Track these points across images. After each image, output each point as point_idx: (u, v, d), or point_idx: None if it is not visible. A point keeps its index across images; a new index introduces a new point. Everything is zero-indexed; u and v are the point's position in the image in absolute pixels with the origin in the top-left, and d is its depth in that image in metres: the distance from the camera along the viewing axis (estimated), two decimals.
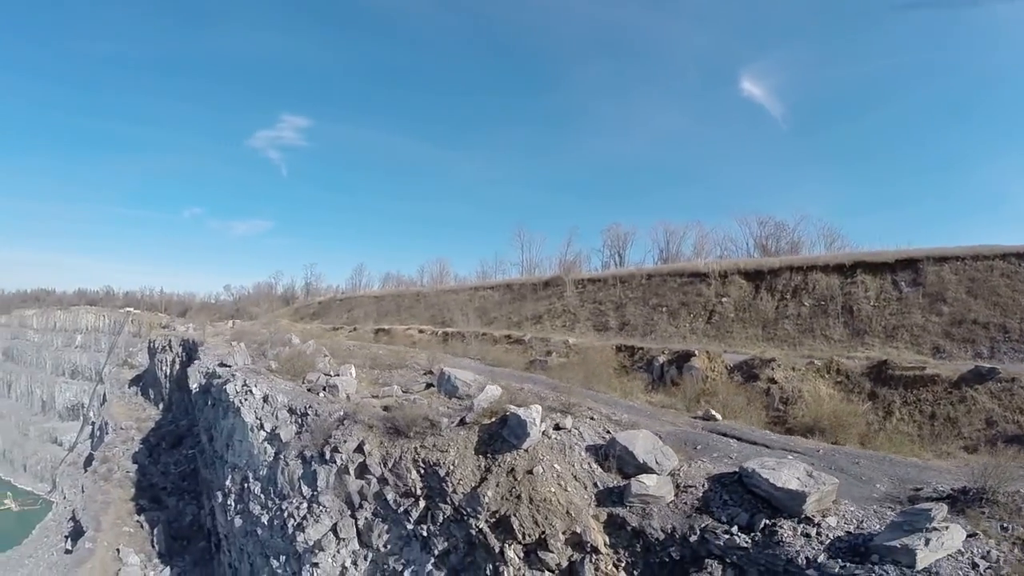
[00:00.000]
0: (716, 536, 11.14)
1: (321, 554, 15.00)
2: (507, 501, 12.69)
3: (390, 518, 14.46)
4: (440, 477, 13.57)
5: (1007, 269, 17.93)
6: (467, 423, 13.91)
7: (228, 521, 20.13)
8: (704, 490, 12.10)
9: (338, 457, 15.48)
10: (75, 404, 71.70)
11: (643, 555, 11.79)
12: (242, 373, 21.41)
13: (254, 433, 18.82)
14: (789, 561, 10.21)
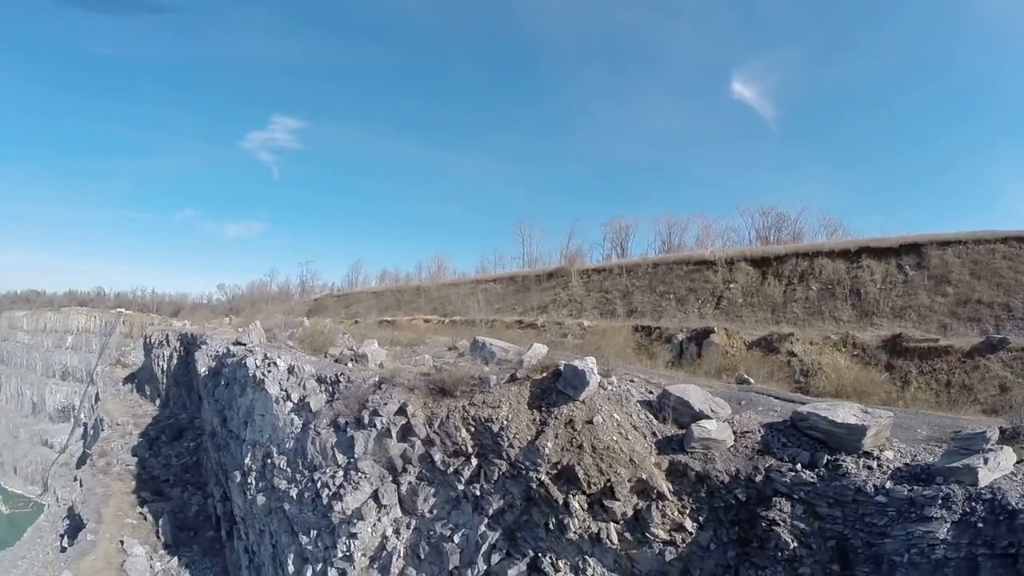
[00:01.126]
0: (782, 474, 11.38)
1: (360, 523, 14.28)
2: (568, 451, 12.57)
3: (437, 480, 14.00)
4: (494, 433, 13.31)
5: (1008, 252, 19.09)
6: (518, 379, 13.82)
7: (247, 502, 18.93)
8: (761, 435, 12.35)
9: (378, 421, 14.93)
10: (66, 406, 70.52)
11: (707, 500, 11.86)
12: (261, 348, 20.51)
13: (279, 405, 17.90)
14: (857, 490, 10.53)
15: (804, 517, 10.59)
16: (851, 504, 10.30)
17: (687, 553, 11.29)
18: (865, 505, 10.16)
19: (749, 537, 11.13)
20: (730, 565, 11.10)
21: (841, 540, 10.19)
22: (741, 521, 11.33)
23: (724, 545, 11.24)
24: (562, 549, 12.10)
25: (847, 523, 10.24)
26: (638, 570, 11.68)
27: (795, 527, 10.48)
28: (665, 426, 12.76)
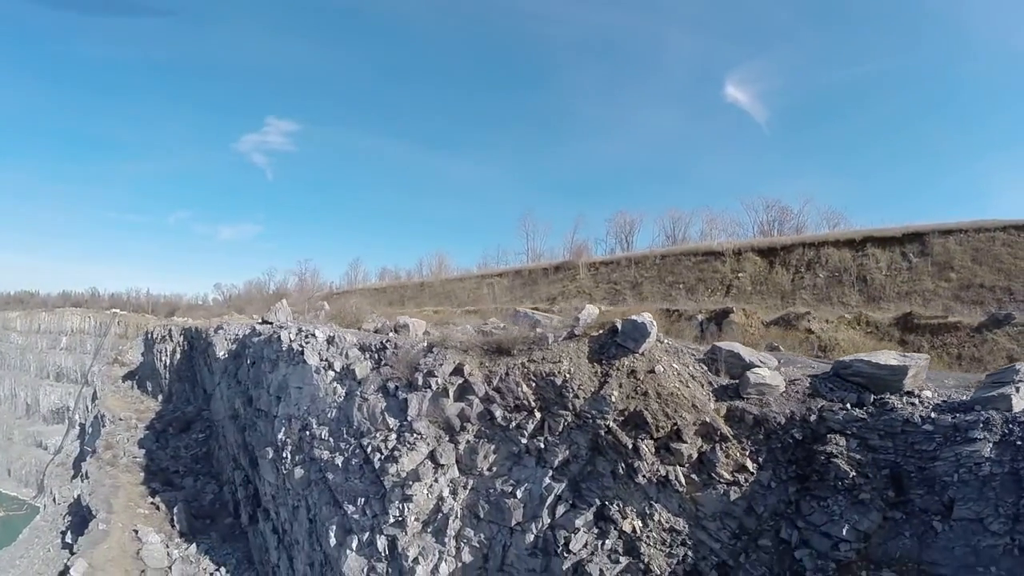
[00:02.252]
0: (834, 413, 12.37)
1: (416, 485, 14.36)
2: (633, 399, 13.24)
3: (498, 437, 14.35)
4: (557, 386, 13.85)
5: (1007, 239, 20.75)
6: (576, 335, 14.48)
7: (280, 478, 18.53)
8: (809, 382, 13.30)
9: (432, 382, 15.21)
10: (60, 407, 70.44)
11: (765, 441, 12.68)
12: (294, 323, 20.43)
13: (320, 375, 17.85)
14: (905, 422, 11.60)
15: (858, 449, 11.56)
16: (900, 435, 11.34)
17: (750, 492, 12.04)
18: (913, 434, 11.22)
19: (807, 473, 11.99)
20: (791, 501, 11.91)
21: (894, 468, 11.18)
22: (798, 459, 12.20)
23: (784, 483, 12.06)
24: (628, 496, 12.66)
25: (898, 452, 11.26)
26: (703, 512, 12.35)
27: (851, 458, 11.42)
28: (719, 377, 13.62)
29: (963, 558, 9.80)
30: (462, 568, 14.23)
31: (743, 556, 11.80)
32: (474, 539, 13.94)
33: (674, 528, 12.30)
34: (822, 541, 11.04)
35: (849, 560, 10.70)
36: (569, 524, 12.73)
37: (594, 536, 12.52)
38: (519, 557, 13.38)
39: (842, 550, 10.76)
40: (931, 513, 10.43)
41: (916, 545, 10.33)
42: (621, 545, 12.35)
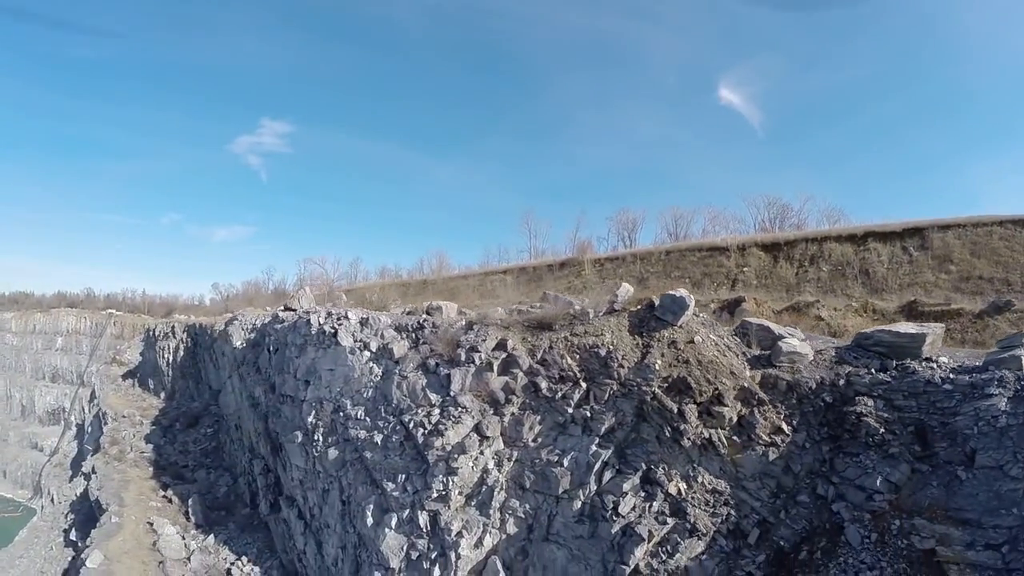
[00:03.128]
0: (860, 377, 13.43)
1: (462, 458, 14.81)
2: (676, 367, 14.08)
3: (543, 408, 14.97)
4: (601, 357, 14.61)
5: (1004, 234, 22.11)
6: (616, 310, 15.34)
7: (310, 461, 18.56)
8: (834, 352, 14.56)
9: (476, 357, 15.78)
10: (56, 408, 70.52)
11: (798, 405, 13.63)
12: (322, 307, 20.72)
13: (355, 356, 18.16)
14: (927, 383, 12.72)
15: (885, 409, 12.62)
16: (922, 394, 12.46)
17: (786, 452, 12.95)
18: (934, 393, 12.34)
19: (838, 433, 12.98)
20: (825, 459, 12.87)
21: (919, 424, 12.27)
22: (829, 421, 13.20)
23: (817, 443, 13.04)
24: (673, 459, 13.43)
25: (921, 410, 12.36)
26: (743, 473, 13.19)
27: (879, 417, 12.46)
28: (751, 348, 14.70)
29: (986, 503, 10.85)
30: (506, 540, 14.70)
31: (783, 512, 12.67)
32: (519, 510, 14.46)
33: (716, 489, 13.12)
34: (857, 494, 12.00)
35: (883, 510, 11.66)
36: (616, 489, 13.41)
37: (641, 499, 13.23)
38: (566, 525, 13.96)
39: (876, 501, 11.71)
40: (955, 464, 11.50)
41: (943, 493, 11.36)
42: (668, 507, 13.09)
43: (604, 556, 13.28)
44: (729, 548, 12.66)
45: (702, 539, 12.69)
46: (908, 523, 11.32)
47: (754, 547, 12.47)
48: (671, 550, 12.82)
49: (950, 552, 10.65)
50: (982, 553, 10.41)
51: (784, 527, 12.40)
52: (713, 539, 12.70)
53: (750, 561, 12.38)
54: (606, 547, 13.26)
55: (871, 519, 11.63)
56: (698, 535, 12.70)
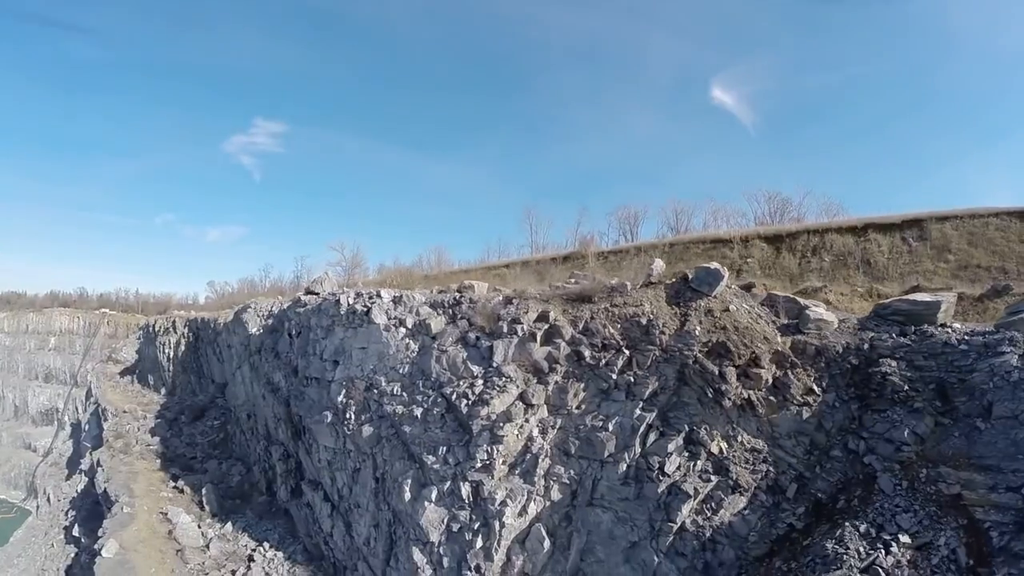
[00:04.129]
0: (883, 341, 14.63)
1: (507, 426, 15.35)
2: (714, 332, 15.03)
3: (586, 375, 15.67)
4: (643, 326, 15.46)
5: (1000, 224, 24.08)
6: (653, 283, 16.28)
7: (340, 441, 18.57)
8: (855, 320, 15.85)
9: (518, 328, 16.41)
10: (49, 408, 70.84)
11: (827, 368, 14.71)
12: (349, 288, 21.02)
13: (390, 333, 18.52)
14: (944, 344, 13.98)
15: (907, 369, 13.79)
16: (941, 355, 13.71)
17: (819, 411, 14.00)
18: (952, 353, 13.60)
19: (865, 393, 14.09)
20: (854, 416, 13.95)
21: (939, 382, 13.47)
22: (856, 382, 14.32)
23: (846, 402, 14.13)
24: (714, 420, 14.31)
25: (940, 368, 13.58)
26: (778, 432, 14.17)
27: (903, 376, 13.62)
28: (779, 318, 15.85)
29: (1005, 450, 12.03)
30: (550, 506, 15.27)
31: (818, 467, 13.66)
32: (564, 476, 15.08)
33: (755, 448, 14.05)
34: (886, 447, 13.08)
35: (911, 460, 12.75)
36: (661, 450, 14.20)
37: (685, 459, 14.04)
38: (611, 488, 14.64)
39: (904, 452, 12.80)
40: (974, 416, 12.70)
41: (965, 443, 12.53)
42: (710, 465, 13.93)
43: (651, 516, 14.01)
44: (769, 503, 13.57)
45: (744, 495, 13.56)
46: (934, 471, 12.43)
47: (793, 500, 13.40)
48: (715, 507, 13.66)
49: (975, 495, 11.76)
50: (1004, 495, 11.53)
51: (820, 480, 13.39)
52: (754, 495, 13.58)
53: (790, 513, 13.30)
54: (652, 507, 14.00)
55: (901, 469, 12.70)
56: (740, 491, 13.57)
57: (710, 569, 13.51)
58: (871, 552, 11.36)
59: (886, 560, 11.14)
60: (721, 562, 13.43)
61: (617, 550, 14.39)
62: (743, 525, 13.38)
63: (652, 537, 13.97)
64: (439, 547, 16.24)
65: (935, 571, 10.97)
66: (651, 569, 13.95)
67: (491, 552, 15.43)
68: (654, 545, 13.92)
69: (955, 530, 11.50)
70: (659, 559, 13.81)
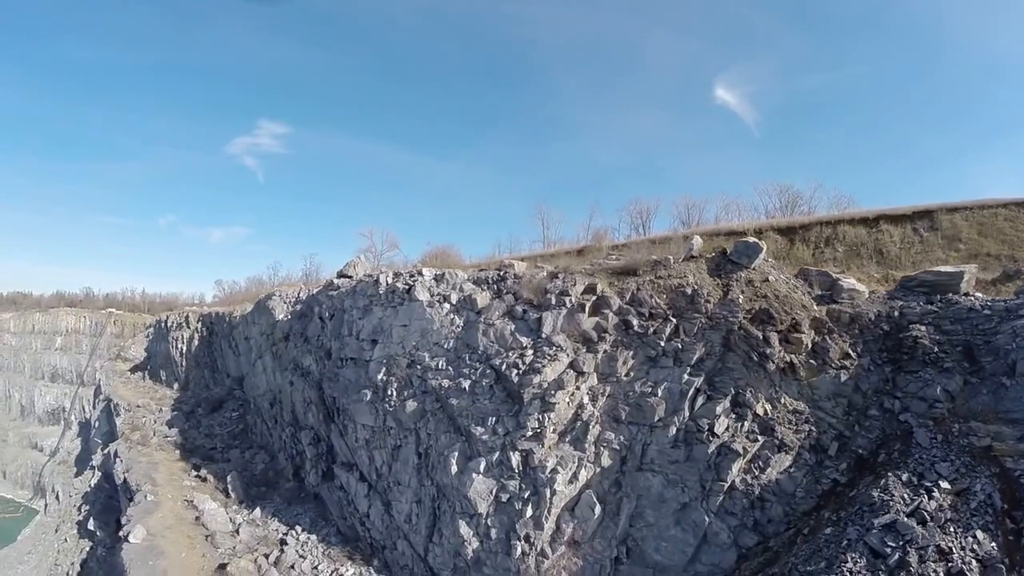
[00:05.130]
0: (912, 308, 15.94)
1: (559, 393, 16.21)
2: (756, 300, 16.18)
3: (634, 344, 16.64)
4: (688, 296, 16.58)
5: (1008, 215, 25.57)
6: (694, 256, 17.49)
7: (380, 419, 19.09)
8: (883, 291, 17.26)
9: (566, 300, 17.40)
10: (55, 408, 71.83)
11: (860, 334, 15.95)
12: (387, 268, 21.81)
13: (433, 309, 19.31)
14: (969, 310, 15.35)
15: (936, 333, 15.11)
16: (966, 320, 15.11)
17: (855, 374, 15.20)
18: (976, 318, 15.00)
19: (897, 356, 15.31)
20: (888, 378, 15.18)
21: (966, 344, 14.80)
22: (889, 347, 15.57)
23: (880, 365, 15.36)
24: (758, 384, 15.40)
25: (966, 332, 14.94)
26: (818, 395, 15.32)
27: (932, 339, 14.97)
28: (812, 289, 17.18)
29: None
30: (600, 473, 16.13)
31: (857, 426, 14.82)
32: (614, 441, 15.98)
33: (797, 410, 15.17)
34: (919, 404, 14.32)
35: (943, 416, 13.98)
36: (709, 413, 15.23)
37: (733, 420, 15.08)
38: (660, 451, 15.58)
39: (937, 408, 14.03)
40: (999, 374, 14.02)
41: (992, 399, 13.83)
42: (757, 426, 14.99)
43: (701, 476, 14.97)
44: (813, 461, 14.64)
45: (789, 453, 14.63)
46: (966, 426, 13.67)
47: (835, 458, 14.51)
48: (762, 465, 14.68)
49: (1004, 446, 12.98)
50: None
51: (860, 438, 14.54)
52: (799, 453, 14.65)
53: (833, 469, 14.39)
54: (703, 467, 14.97)
55: (935, 424, 13.92)
56: (786, 450, 14.64)
57: (760, 526, 14.48)
58: (915, 498, 12.47)
59: (929, 504, 12.25)
60: (770, 519, 14.42)
61: (668, 512, 15.29)
62: (790, 482, 14.43)
63: (703, 498, 14.92)
64: (487, 519, 16.93)
65: (974, 514, 12.09)
66: (702, 529, 14.87)
67: (541, 521, 16.19)
68: (704, 505, 14.85)
69: (989, 477, 12.68)
70: (709, 519, 14.75)
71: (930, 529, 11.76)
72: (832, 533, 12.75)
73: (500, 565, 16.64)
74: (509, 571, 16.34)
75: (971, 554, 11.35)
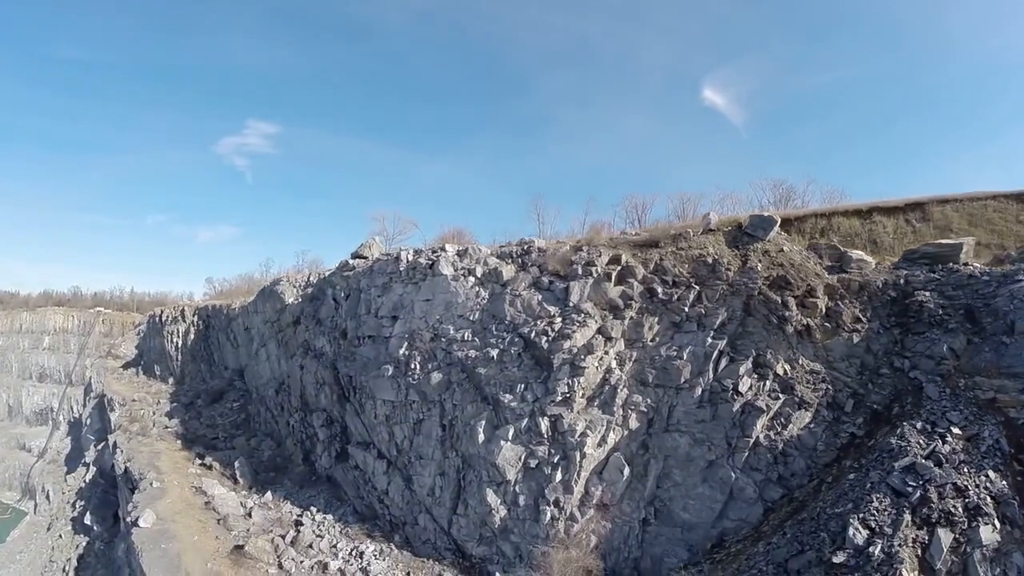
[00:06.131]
0: (916, 277, 17.41)
1: (588, 358, 16.96)
2: (773, 268, 17.42)
3: (659, 310, 17.59)
4: (709, 264, 17.70)
5: (997, 206, 27.59)
6: (712, 230, 18.70)
7: (401, 393, 19.55)
8: (889, 263, 18.77)
9: (593, 270, 18.30)
10: (43, 408, 71.94)
11: (869, 301, 17.28)
12: (407, 246, 22.47)
13: (458, 282, 19.94)
14: (970, 276, 16.91)
15: (939, 298, 16.56)
16: (967, 286, 16.63)
17: (866, 336, 16.45)
18: (976, 283, 16.53)
19: (904, 320, 16.69)
20: (897, 340, 16.48)
21: (967, 307, 16.25)
22: (896, 312, 16.96)
23: (889, 328, 16.68)
24: (777, 346, 16.51)
25: (967, 296, 16.43)
26: (833, 356, 16.51)
27: (936, 303, 16.42)
28: (822, 260, 18.58)
29: None
30: (628, 435, 16.91)
31: (870, 384, 16.01)
32: (642, 404, 16.80)
33: (814, 370, 16.31)
34: (927, 362, 15.63)
35: (950, 372, 15.30)
36: (733, 374, 16.24)
37: (755, 380, 16.13)
38: (687, 412, 16.46)
39: (943, 365, 15.35)
40: (999, 334, 15.45)
41: (994, 356, 15.21)
42: (777, 385, 16.05)
43: (727, 433, 15.88)
44: (831, 417, 15.74)
45: (808, 410, 15.70)
46: (971, 380, 15.00)
47: (852, 413, 15.63)
48: (784, 422, 15.71)
49: (1007, 398, 14.32)
50: None
51: (874, 394, 15.73)
52: (817, 410, 15.74)
53: (850, 424, 15.51)
54: (728, 425, 15.90)
55: (942, 380, 15.21)
56: (805, 407, 15.71)
57: (784, 479, 15.42)
58: (930, 443, 13.63)
59: (943, 448, 13.41)
60: (793, 472, 15.39)
61: (695, 471, 16.11)
62: (810, 437, 15.47)
63: (728, 455, 15.81)
64: (515, 485, 17.45)
65: (984, 456, 13.29)
66: (728, 485, 15.72)
67: (570, 484, 16.80)
68: (730, 462, 15.74)
69: (995, 425, 13.96)
70: (736, 475, 15.62)
71: (946, 470, 12.88)
72: (855, 479, 13.77)
73: (528, 532, 17.12)
74: (537, 537, 16.83)
75: (985, 491, 12.48)
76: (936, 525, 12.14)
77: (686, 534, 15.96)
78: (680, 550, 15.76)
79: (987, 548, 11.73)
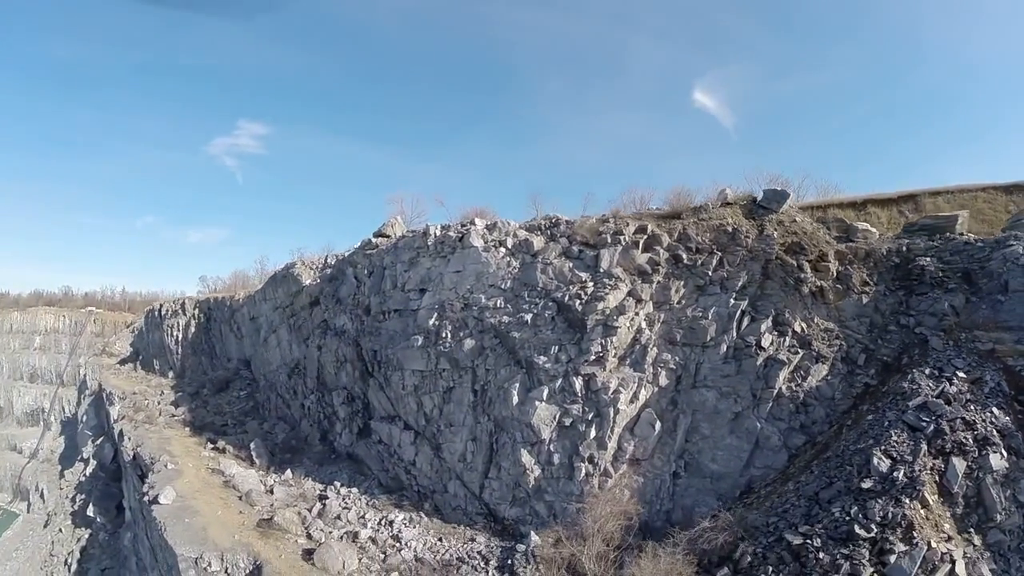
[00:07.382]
0: (916, 244, 19.56)
1: (620, 318, 18.35)
2: (788, 236, 19.29)
3: (684, 275, 19.18)
4: (729, 232, 19.48)
5: (987, 198, 30.15)
6: (729, 202, 20.61)
7: (431, 363, 20.59)
8: (891, 234, 20.93)
9: (621, 239, 19.86)
10: (35, 409, 72.00)
11: (875, 267, 19.28)
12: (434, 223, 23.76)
13: (489, 253, 21.23)
14: (965, 243, 19.11)
15: (939, 263, 18.70)
16: (963, 251, 18.81)
17: (874, 298, 18.36)
18: (972, 249, 18.73)
19: (908, 283, 18.73)
20: (902, 301, 18.44)
21: (964, 270, 18.36)
22: (900, 276, 19.01)
23: (894, 291, 18.66)
24: (794, 306, 18.28)
25: (964, 260, 18.60)
26: (844, 316, 18.33)
27: (936, 267, 18.52)
28: (831, 231, 20.65)
29: (1022, 314, 16.91)
30: (658, 392, 18.27)
31: (879, 340, 17.84)
32: (670, 362, 18.24)
33: (827, 328, 18.09)
34: (930, 319, 17.58)
35: (952, 327, 17.27)
36: (755, 332, 17.88)
37: (776, 336, 17.79)
38: (713, 368, 17.95)
39: (946, 321, 17.33)
40: (995, 293, 17.57)
41: (991, 312, 17.27)
42: (796, 341, 17.74)
43: (752, 386, 17.40)
44: (845, 370, 17.46)
45: (825, 364, 17.40)
46: (971, 334, 16.98)
47: (864, 366, 17.39)
48: (804, 374, 17.35)
49: (1005, 347, 16.30)
50: None
51: (884, 348, 17.55)
52: (833, 364, 17.45)
53: (864, 375, 17.24)
54: (752, 378, 17.44)
55: (945, 334, 17.18)
56: (822, 360, 17.41)
57: (805, 427, 16.95)
58: (938, 385, 15.41)
59: (951, 389, 15.19)
60: (814, 420, 16.95)
61: (722, 423, 17.52)
62: (828, 388, 17.12)
63: (754, 406, 17.31)
64: (549, 444, 18.53)
65: (988, 396, 15.11)
66: (754, 435, 17.16)
67: (604, 440, 17.99)
68: (756, 413, 17.23)
69: (996, 370, 15.87)
70: (761, 424, 17.10)
71: (955, 407, 14.62)
72: (874, 419, 15.39)
73: (562, 490, 18.13)
74: (571, 495, 17.84)
75: (991, 425, 14.21)
76: (951, 454, 13.78)
77: (715, 484, 17.24)
78: (710, 500, 16.99)
79: (997, 473, 13.36)
